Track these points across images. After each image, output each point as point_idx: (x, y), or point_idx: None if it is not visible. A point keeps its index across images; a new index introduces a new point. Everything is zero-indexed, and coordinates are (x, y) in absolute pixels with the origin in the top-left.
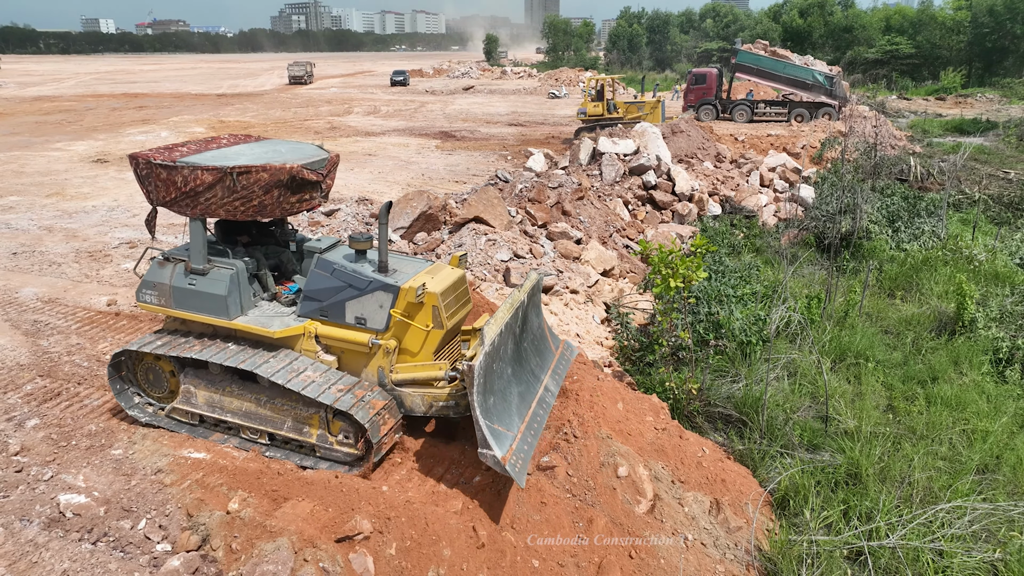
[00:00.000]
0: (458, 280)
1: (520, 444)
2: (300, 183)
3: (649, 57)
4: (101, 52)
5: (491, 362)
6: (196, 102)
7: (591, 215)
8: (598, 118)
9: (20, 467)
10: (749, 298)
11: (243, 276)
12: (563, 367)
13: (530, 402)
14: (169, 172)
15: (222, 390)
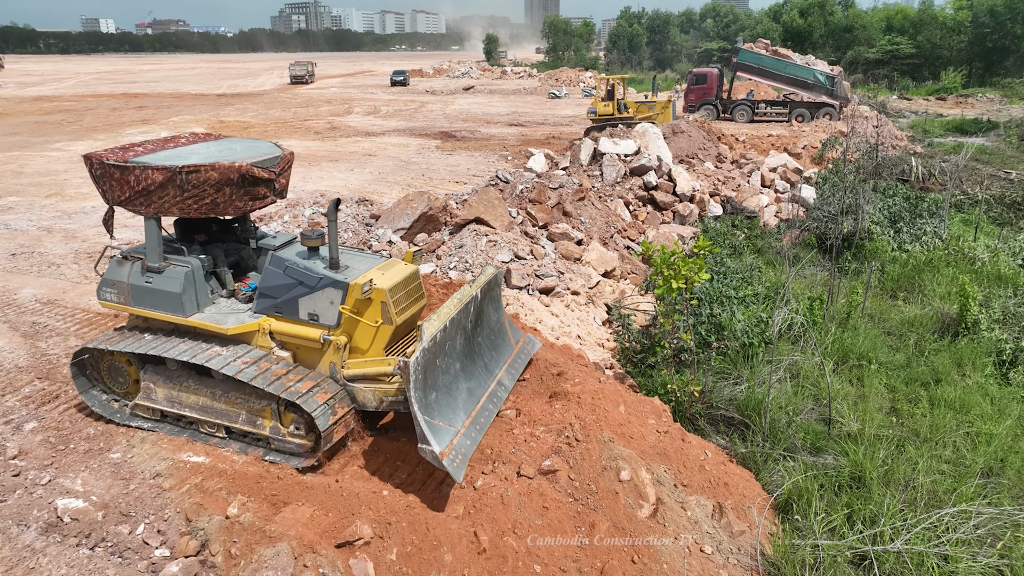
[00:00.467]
0: (410, 276)
1: (462, 439)
2: (251, 181)
3: (649, 57)
4: (101, 52)
5: (432, 358)
6: (196, 102)
7: (592, 216)
8: (608, 118)
9: (18, 471)
10: (751, 299)
11: (199, 274)
12: (522, 361)
13: (479, 397)
14: (122, 172)
15: (180, 386)
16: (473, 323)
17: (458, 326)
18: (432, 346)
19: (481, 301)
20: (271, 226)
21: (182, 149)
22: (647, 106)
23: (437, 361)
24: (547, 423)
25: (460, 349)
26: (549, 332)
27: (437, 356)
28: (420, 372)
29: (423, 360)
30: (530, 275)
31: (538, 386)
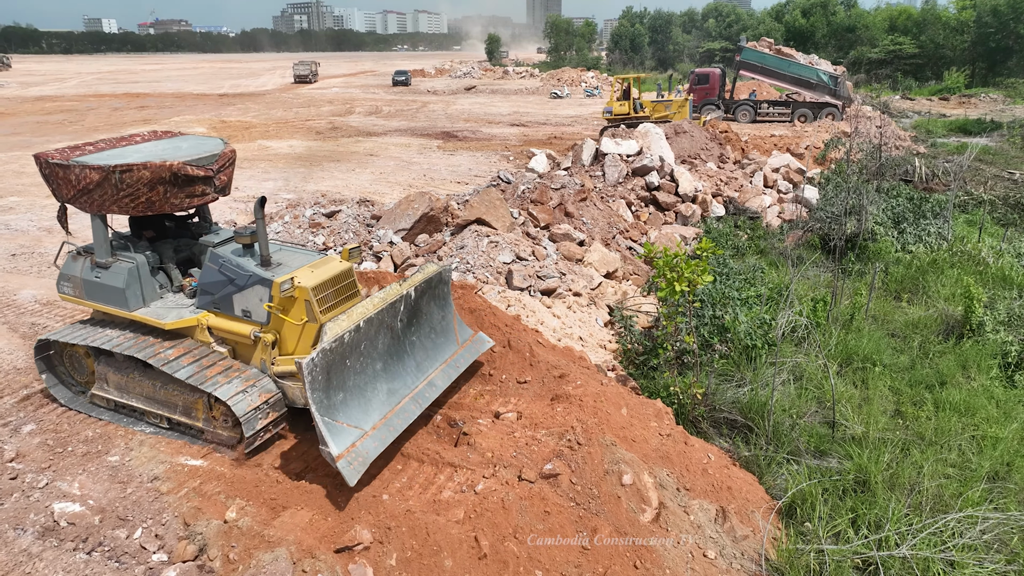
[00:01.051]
0: (341, 274)
1: (368, 442)
2: (185, 179)
3: (651, 57)
4: (103, 52)
5: (338, 358)
6: (198, 102)
7: (594, 216)
8: (624, 117)
9: (15, 474)
10: (754, 301)
11: (144, 269)
12: (465, 360)
13: (401, 397)
14: (64, 171)
15: (127, 377)
16: (405, 322)
17: (380, 325)
18: (338, 347)
19: (418, 299)
20: (272, 227)
21: (127, 148)
22: (663, 105)
23: (347, 361)
24: (549, 426)
25: (383, 349)
26: (551, 334)
27: (347, 356)
28: (320, 373)
29: (322, 361)
30: (532, 276)
31: (540, 388)
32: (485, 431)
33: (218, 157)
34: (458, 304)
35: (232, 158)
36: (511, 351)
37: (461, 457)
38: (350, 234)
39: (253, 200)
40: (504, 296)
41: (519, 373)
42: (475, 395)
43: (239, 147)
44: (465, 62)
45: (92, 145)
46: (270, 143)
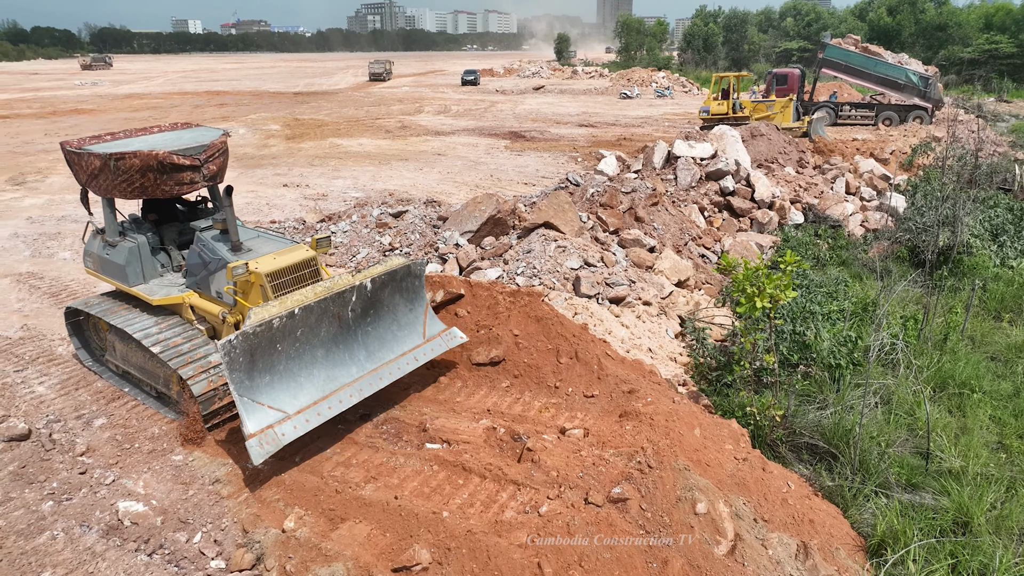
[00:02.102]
0: (302, 262)
1: (287, 425)
2: (172, 167)
3: (725, 57)
4: (188, 51)
5: (266, 342)
6: (273, 100)
7: (665, 222)
8: (722, 117)
9: (84, 468)
10: (837, 316)
11: (144, 249)
12: (427, 354)
13: (339, 385)
14: (77, 158)
15: (128, 346)
16: (358, 312)
17: (324, 314)
18: (264, 331)
19: (377, 291)
20: (339, 225)
21: (135, 139)
22: (765, 105)
23: (278, 346)
24: (617, 445)
25: (327, 336)
26: (619, 345)
27: (278, 342)
28: (241, 355)
29: (243, 344)
30: (600, 283)
31: (608, 404)
32: (550, 448)
33: (206, 147)
34: (524, 312)
35: (222, 148)
36: (578, 363)
37: (525, 475)
38: (416, 235)
39: (322, 197)
40: (571, 304)
41: (586, 387)
42: (540, 408)
43: (311, 144)
44: (534, 62)
45: (111, 135)
46: (341, 141)
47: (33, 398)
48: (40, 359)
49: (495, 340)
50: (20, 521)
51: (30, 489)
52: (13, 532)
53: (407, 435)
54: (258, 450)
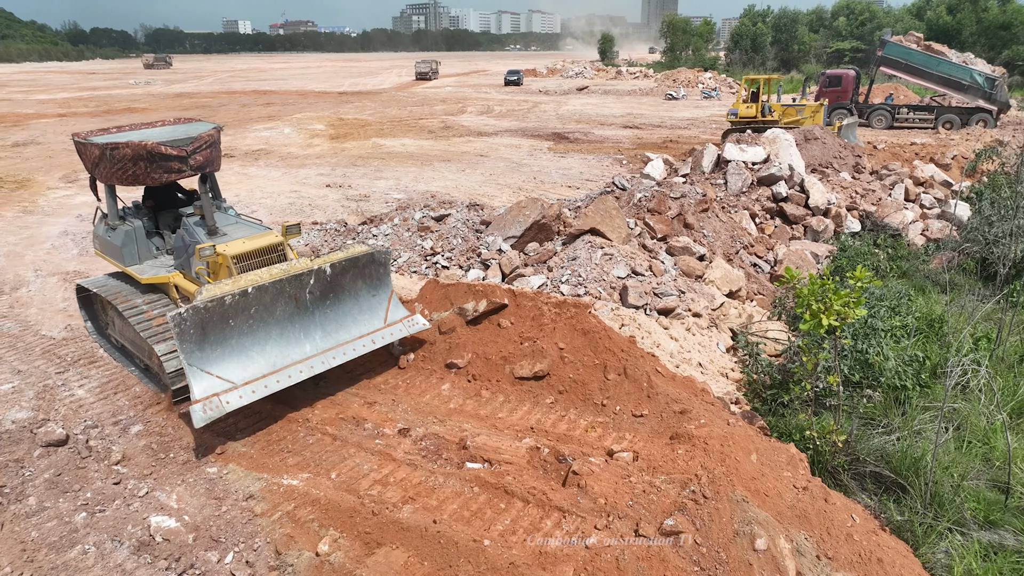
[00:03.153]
0: (268, 246)
1: (232, 394)
2: (160, 156)
3: (773, 57)
4: (238, 51)
5: (217, 317)
6: (319, 99)
7: (716, 229)
8: (750, 121)
9: (119, 478)
10: (900, 333)
11: (139, 233)
12: (385, 338)
13: (291, 361)
14: (83, 148)
15: (123, 322)
16: (318, 295)
17: (280, 294)
18: (216, 307)
19: (338, 276)
20: (381, 228)
21: (135, 132)
22: (795, 109)
23: (231, 322)
24: (669, 471)
25: (282, 315)
26: (668, 359)
27: (231, 317)
28: (191, 327)
29: (193, 317)
30: (648, 293)
31: (657, 424)
32: (597, 472)
33: (193, 139)
34: (570, 324)
35: (210, 140)
36: (627, 380)
37: (571, 501)
38: (458, 239)
39: (364, 198)
40: (617, 314)
41: (635, 405)
42: (586, 427)
43: (355, 144)
44: (577, 62)
45: (117, 128)
46: (384, 141)
47: (73, 401)
48: (81, 361)
49: (539, 353)
50: (53, 533)
51: (64, 499)
52: (45, 544)
53: (447, 452)
54: (201, 415)
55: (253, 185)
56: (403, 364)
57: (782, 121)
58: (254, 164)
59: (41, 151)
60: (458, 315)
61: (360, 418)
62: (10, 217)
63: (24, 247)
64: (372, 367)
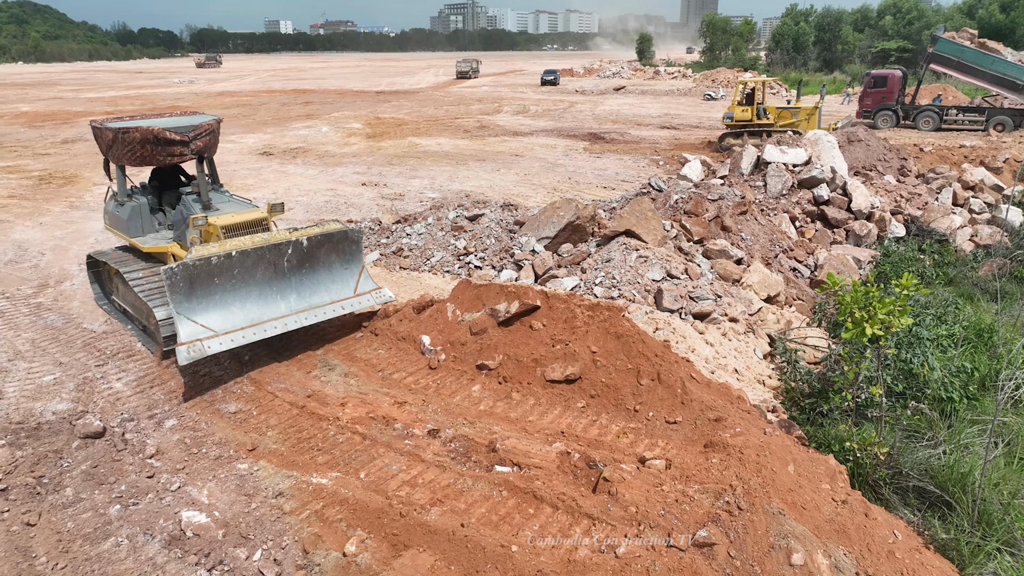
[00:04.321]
0: (254, 220)
1: (213, 341)
2: (163, 141)
3: (816, 57)
4: (279, 51)
5: (203, 274)
6: (356, 99)
7: (754, 232)
8: (746, 124)
9: (152, 472)
10: (947, 342)
11: (144, 209)
12: (354, 305)
13: (266, 318)
14: (99, 132)
15: (127, 287)
16: (294, 263)
17: (260, 260)
18: (203, 266)
19: (314, 248)
20: (414, 227)
21: (143, 121)
22: (790, 112)
23: (216, 279)
24: (702, 481)
25: (261, 278)
26: (703, 365)
27: (215, 276)
28: (180, 281)
29: (183, 272)
30: (683, 297)
31: (691, 431)
32: (629, 479)
33: (194, 127)
34: (603, 328)
35: (209, 129)
36: (660, 385)
37: (601, 508)
38: (491, 239)
39: (399, 197)
40: (652, 318)
41: (668, 412)
42: (618, 433)
43: (391, 143)
44: (614, 62)
45: (131, 116)
46: (420, 140)
47: (111, 394)
48: (120, 354)
49: (571, 356)
50: (88, 524)
51: (99, 491)
52: (80, 536)
53: (476, 455)
54: (185, 355)
55: (290, 183)
56: (434, 364)
57: (777, 124)
58: (292, 162)
59: (89, 147)
60: (490, 316)
61: (390, 418)
62: (57, 212)
63: (69, 241)
64: (403, 366)
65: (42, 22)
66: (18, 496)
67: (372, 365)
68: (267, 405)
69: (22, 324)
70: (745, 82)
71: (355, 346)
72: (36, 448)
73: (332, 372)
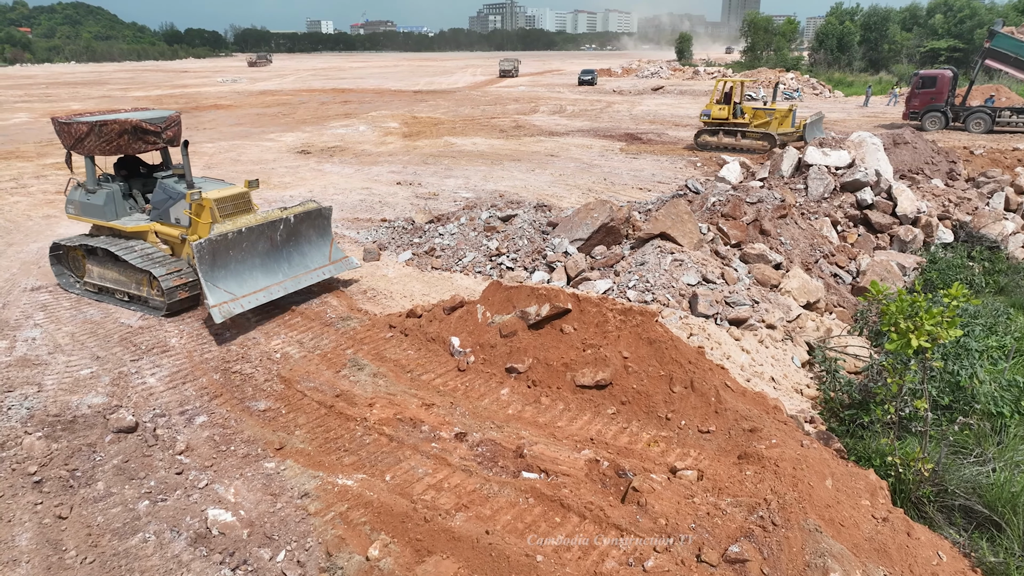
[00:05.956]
0: (238, 194)
1: (234, 304)
2: (141, 131)
3: (861, 57)
4: (320, 51)
5: (222, 248)
6: (394, 98)
7: (794, 236)
8: (723, 122)
9: (181, 468)
10: (997, 354)
11: (117, 195)
12: (331, 272)
13: (269, 284)
14: (67, 127)
15: (104, 266)
16: (283, 237)
17: (260, 235)
18: (222, 240)
19: (298, 224)
20: (447, 227)
21: (108, 115)
22: (765, 113)
23: (231, 252)
24: (735, 493)
25: (262, 250)
26: (739, 372)
27: (231, 248)
28: (207, 253)
29: (208, 245)
30: (719, 302)
31: (725, 442)
32: (659, 490)
33: (165, 119)
34: (635, 333)
35: (177, 120)
36: (693, 393)
37: (629, 519)
38: (524, 240)
39: (433, 196)
40: (686, 323)
41: (701, 420)
42: (648, 441)
43: (427, 143)
44: (653, 62)
45: (89, 112)
46: (456, 139)
47: (144, 389)
48: (155, 349)
49: (602, 361)
50: (117, 519)
51: (129, 486)
52: (109, 530)
53: (503, 460)
54: (218, 315)
55: (327, 181)
56: (463, 366)
57: (752, 124)
58: (329, 160)
59: None
60: (520, 318)
61: (417, 420)
62: None
63: None
64: (432, 367)
65: (94, 23)
66: (51, 488)
67: (401, 365)
68: (296, 404)
69: (63, 318)
70: (725, 81)
71: (385, 345)
72: (71, 441)
73: (361, 372)
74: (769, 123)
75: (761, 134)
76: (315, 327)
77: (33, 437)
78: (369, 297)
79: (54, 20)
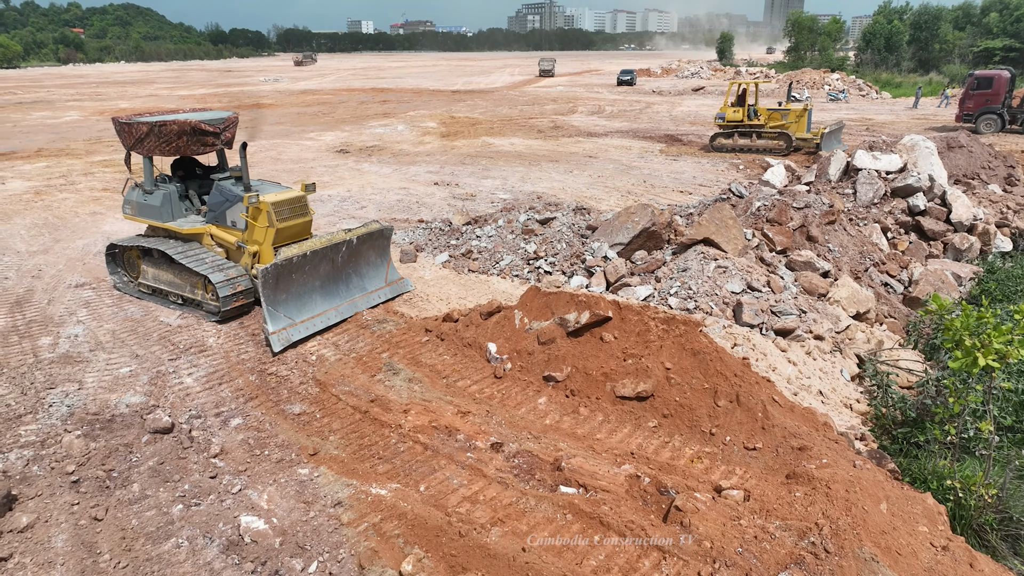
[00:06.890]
0: (295, 198)
1: (294, 330)
2: (198, 132)
3: (911, 57)
4: (360, 51)
5: (286, 272)
6: (432, 97)
7: (843, 243)
8: (737, 124)
9: (215, 472)
10: None
11: (174, 196)
12: (385, 294)
13: (328, 307)
14: (128, 127)
15: (159, 268)
16: (344, 259)
17: (324, 257)
18: (285, 264)
19: (359, 246)
20: (484, 229)
21: (168, 116)
22: (780, 114)
23: (293, 276)
24: (784, 516)
25: (323, 273)
26: (785, 385)
27: (293, 272)
28: (271, 278)
29: (273, 271)
30: (765, 311)
31: (772, 460)
32: (703, 510)
33: (224, 120)
34: (678, 343)
35: (235, 121)
36: (739, 408)
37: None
38: (563, 244)
39: (470, 197)
40: (730, 333)
41: (747, 437)
42: (691, 457)
43: (465, 143)
44: (693, 62)
45: (149, 112)
46: (493, 140)
47: (181, 389)
48: (192, 349)
49: (643, 372)
50: (151, 523)
51: (164, 488)
52: (143, 534)
53: (540, 472)
54: (277, 342)
55: (364, 181)
56: (499, 373)
57: (768, 125)
58: (367, 160)
59: None
60: (559, 325)
61: (453, 428)
62: None
63: None
64: (468, 373)
65: (143, 24)
66: (88, 489)
67: (437, 371)
68: (331, 408)
69: (105, 315)
70: (739, 83)
71: (420, 350)
72: (109, 441)
73: (396, 376)
74: (786, 125)
75: (777, 134)
76: (351, 329)
77: (72, 435)
78: (405, 299)
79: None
